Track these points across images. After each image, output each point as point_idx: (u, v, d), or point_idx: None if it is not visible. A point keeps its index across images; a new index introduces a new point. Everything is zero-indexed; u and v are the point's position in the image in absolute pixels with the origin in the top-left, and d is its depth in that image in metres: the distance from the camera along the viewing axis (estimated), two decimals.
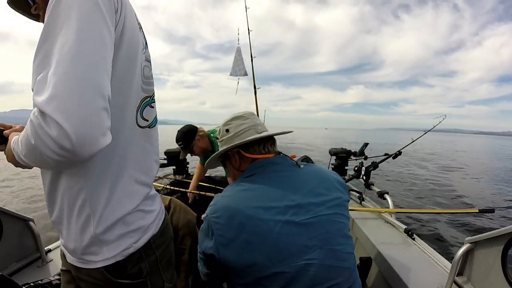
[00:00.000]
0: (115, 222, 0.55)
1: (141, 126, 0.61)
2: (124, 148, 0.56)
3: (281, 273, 0.61)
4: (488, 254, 0.83)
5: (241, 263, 0.63)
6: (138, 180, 0.60)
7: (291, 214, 0.64)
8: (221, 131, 0.85)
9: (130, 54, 0.54)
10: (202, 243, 0.71)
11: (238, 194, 0.69)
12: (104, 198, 0.53)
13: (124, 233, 0.57)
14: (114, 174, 0.55)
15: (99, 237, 0.54)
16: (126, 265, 0.58)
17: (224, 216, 0.65)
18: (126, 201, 0.57)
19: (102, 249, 0.55)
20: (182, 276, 1.17)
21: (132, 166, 0.58)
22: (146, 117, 0.62)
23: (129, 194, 0.57)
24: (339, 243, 0.66)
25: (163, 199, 1.18)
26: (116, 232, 0.55)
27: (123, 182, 0.56)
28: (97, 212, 0.53)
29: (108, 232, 0.54)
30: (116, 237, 0.55)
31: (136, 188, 0.59)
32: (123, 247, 0.56)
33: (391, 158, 2.12)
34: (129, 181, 0.57)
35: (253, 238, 0.62)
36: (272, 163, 0.76)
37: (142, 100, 0.60)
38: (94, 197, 0.52)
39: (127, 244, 0.57)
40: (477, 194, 6.57)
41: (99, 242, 0.54)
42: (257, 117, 0.87)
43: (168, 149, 2.51)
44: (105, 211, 0.53)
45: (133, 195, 0.58)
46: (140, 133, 0.60)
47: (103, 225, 0.53)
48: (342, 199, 0.74)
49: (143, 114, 0.61)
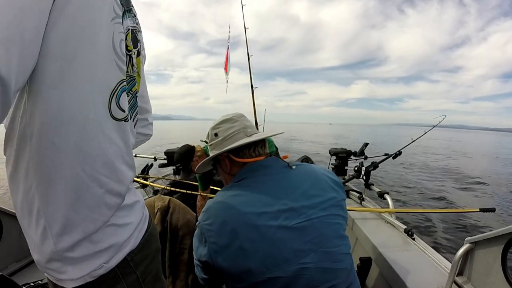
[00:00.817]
0: (78, 241, 0.45)
1: (116, 118, 0.47)
2: (89, 146, 0.43)
3: (276, 278, 0.61)
4: (488, 254, 0.83)
5: (236, 269, 0.62)
6: (108, 188, 0.47)
7: (284, 219, 0.64)
8: (210, 135, 0.84)
9: (83, 16, 0.40)
10: (197, 250, 0.70)
11: (229, 200, 0.68)
12: (61, 209, 0.43)
13: (91, 253, 0.47)
14: (74, 180, 0.43)
15: (60, 254, 0.44)
16: (99, 287, 0.49)
17: (216, 223, 0.64)
18: (91, 217, 0.46)
19: (66, 268, 0.45)
20: (182, 275, 1.17)
21: (99, 170, 0.45)
22: (123, 106, 0.49)
23: (95, 206, 0.46)
24: (335, 245, 0.66)
25: (162, 199, 1.18)
26: (80, 251, 0.46)
27: (87, 191, 0.44)
28: (54, 226, 0.43)
29: (71, 250, 0.45)
30: (82, 256, 0.46)
31: (107, 201, 0.48)
32: (91, 267, 0.47)
33: (391, 158, 2.12)
34: (95, 190, 0.45)
35: (246, 245, 0.61)
36: (263, 165, 0.75)
37: (118, 83, 0.47)
38: (49, 206, 0.42)
39: (96, 265, 0.47)
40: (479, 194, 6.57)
41: (61, 259, 0.45)
42: (247, 118, 0.86)
43: (168, 149, 2.51)
44: (64, 225, 0.43)
45: (100, 207, 0.47)
46: (112, 127, 0.47)
47: (63, 242, 0.44)
48: (337, 199, 0.73)
49: (119, 102, 0.48)
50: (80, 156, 0.43)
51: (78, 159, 0.42)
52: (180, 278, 1.16)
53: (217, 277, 0.70)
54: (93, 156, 0.44)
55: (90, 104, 0.43)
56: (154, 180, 2.34)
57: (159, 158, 2.60)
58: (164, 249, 1.05)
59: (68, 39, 0.39)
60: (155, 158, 2.65)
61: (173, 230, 1.14)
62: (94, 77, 0.43)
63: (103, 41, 0.44)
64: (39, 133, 0.40)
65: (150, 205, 1.15)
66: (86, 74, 0.41)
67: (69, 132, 0.41)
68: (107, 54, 0.45)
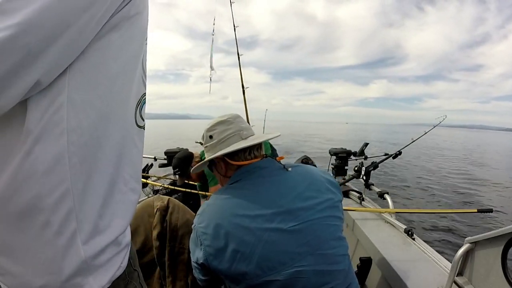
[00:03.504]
0: (109, 242, 0.43)
1: (139, 126, 0.52)
2: (124, 149, 0.47)
3: (273, 281, 0.60)
4: (488, 254, 0.83)
5: (231, 272, 0.62)
6: (132, 187, 0.49)
7: (279, 221, 0.63)
8: (205, 136, 0.83)
9: (141, 36, 0.47)
10: (193, 253, 0.70)
11: (224, 203, 0.68)
12: (96, 208, 0.41)
13: (115, 254, 0.45)
14: (111, 179, 0.43)
15: (88, 262, 0.39)
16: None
17: (210, 226, 0.64)
18: (122, 215, 0.46)
19: (87, 279, 0.40)
20: (181, 275, 1.17)
21: (128, 171, 0.48)
22: (143, 116, 0.54)
23: (125, 206, 0.47)
24: (332, 247, 0.65)
25: (161, 199, 1.18)
26: (107, 254, 0.43)
27: (121, 190, 0.45)
28: (86, 228, 0.39)
29: (99, 255, 0.41)
30: (107, 260, 0.43)
31: (130, 198, 0.49)
32: (113, 270, 0.44)
33: (391, 158, 2.12)
34: (124, 189, 0.46)
35: (241, 248, 0.61)
36: (258, 167, 0.74)
37: (142, 96, 0.53)
38: (84, 206, 0.39)
39: (117, 265, 0.45)
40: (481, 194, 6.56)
41: (87, 269, 0.39)
42: (243, 120, 0.85)
43: (168, 149, 2.51)
44: (97, 227, 0.41)
45: (128, 206, 0.48)
46: (137, 133, 0.52)
47: (93, 246, 0.40)
48: (334, 200, 0.72)
49: (141, 112, 0.53)
50: (115, 154, 0.44)
51: (112, 157, 0.44)
52: (180, 278, 1.16)
53: (215, 279, 0.70)
54: (123, 156, 0.47)
55: (129, 110, 0.48)
56: (154, 180, 2.34)
57: (159, 158, 2.60)
58: (164, 249, 1.05)
59: (130, 59, 0.46)
60: (155, 158, 2.65)
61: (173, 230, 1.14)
62: (131, 88, 0.48)
63: (140, 59, 0.50)
64: (89, 128, 0.40)
65: (149, 205, 1.15)
66: (128, 85, 0.47)
67: (113, 132, 0.44)
68: (141, 70, 0.51)
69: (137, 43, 0.47)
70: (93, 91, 0.40)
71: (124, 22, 0.42)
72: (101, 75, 0.41)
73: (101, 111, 0.42)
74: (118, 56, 0.43)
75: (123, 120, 0.46)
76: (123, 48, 0.43)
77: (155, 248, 1.03)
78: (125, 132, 0.47)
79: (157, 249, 1.02)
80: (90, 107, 0.40)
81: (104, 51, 0.40)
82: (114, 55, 0.42)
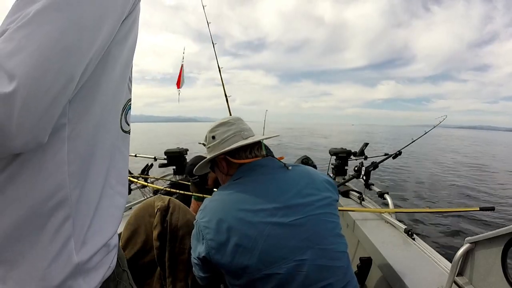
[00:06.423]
0: (100, 247, 0.44)
1: (124, 131, 0.53)
2: (111, 155, 0.48)
3: (273, 275, 0.61)
4: (488, 254, 0.83)
5: (233, 266, 0.63)
6: (120, 192, 0.51)
7: (280, 216, 0.65)
8: (208, 137, 0.87)
9: (133, 46, 0.49)
10: (195, 248, 0.71)
11: (226, 198, 0.70)
12: (90, 214, 0.42)
13: (104, 256, 0.46)
14: (101, 185, 0.45)
15: (81, 267, 0.40)
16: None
17: (213, 221, 0.65)
18: (111, 219, 0.47)
19: (78, 282, 0.40)
20: (181, 276, 1.17)
21: (115, 176, 0.50)
22: (128, 121, 0.55)
23: (114, 210, 0.48)
24: (331, 242, 0.67)
25: (162, 199, 1.18)
26: (98, 257, 0.44)
27: (109, 195, 0.47)
28: (80, 234, 0.40)
29: (90, 259, 0.42)
30: (97, 262, 0.44)
31: (118, 202, 0.50)
32: (102, 272, 0.45)
33: (391, 158, 2.12)
34: (112, 194, 0.48)
35: (243, 242, 0.62)
36: (259, 165, 0.77)
37: (128, 102, 0.54)
38: (79, 212, 0.40)
39: (106, 267, 0.46)
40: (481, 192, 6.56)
41: (79, 273, 0.40)
42: (243, 122, 0.89)
43: (168, 149, 2.51)
44: (89, 231, 0.42)
45: (116, 210, 0.49)
46: (122, 138, 0.53)
47: (86, 251, 0.41)
48: (332, 199, 0.75)
49: (127, 117, 0.54)
50: (105, 160, 0.46)
51: (103, 164, 0.46)
52: (180, 279, 1.16)
53: (215, 276, 0.71)
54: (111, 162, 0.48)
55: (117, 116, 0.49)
56: (154, 180, 2.34)
57: (159, 158, 2.60)
58: (164, 249, 1.06)
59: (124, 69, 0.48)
60: (155, 158, 2.64)
61: (173, 230, 1.14)
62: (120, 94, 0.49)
63: (130, 66, 0.51)
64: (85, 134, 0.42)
65: (149, 205, 1.15)
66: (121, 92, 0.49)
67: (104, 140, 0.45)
68: (127, 75, 0.52)
69: (130, 51, 0.49)
70: (93, 100, 0.42)
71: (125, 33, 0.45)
72: (102, 85, 0.43)
73: (99, 120, 0.43)
74: (115, 66, 0.45)
75: (114, 128, 0.49)
76: (119, 57, 0.45)
77: (155, 248, 1.03)
78: (113, 139, 0.49)
79: (157, 249, 1.03)
80: (90, 116, 0.41)
81: (104, 63, 0.42)
82: (113, 65, 0.44)
